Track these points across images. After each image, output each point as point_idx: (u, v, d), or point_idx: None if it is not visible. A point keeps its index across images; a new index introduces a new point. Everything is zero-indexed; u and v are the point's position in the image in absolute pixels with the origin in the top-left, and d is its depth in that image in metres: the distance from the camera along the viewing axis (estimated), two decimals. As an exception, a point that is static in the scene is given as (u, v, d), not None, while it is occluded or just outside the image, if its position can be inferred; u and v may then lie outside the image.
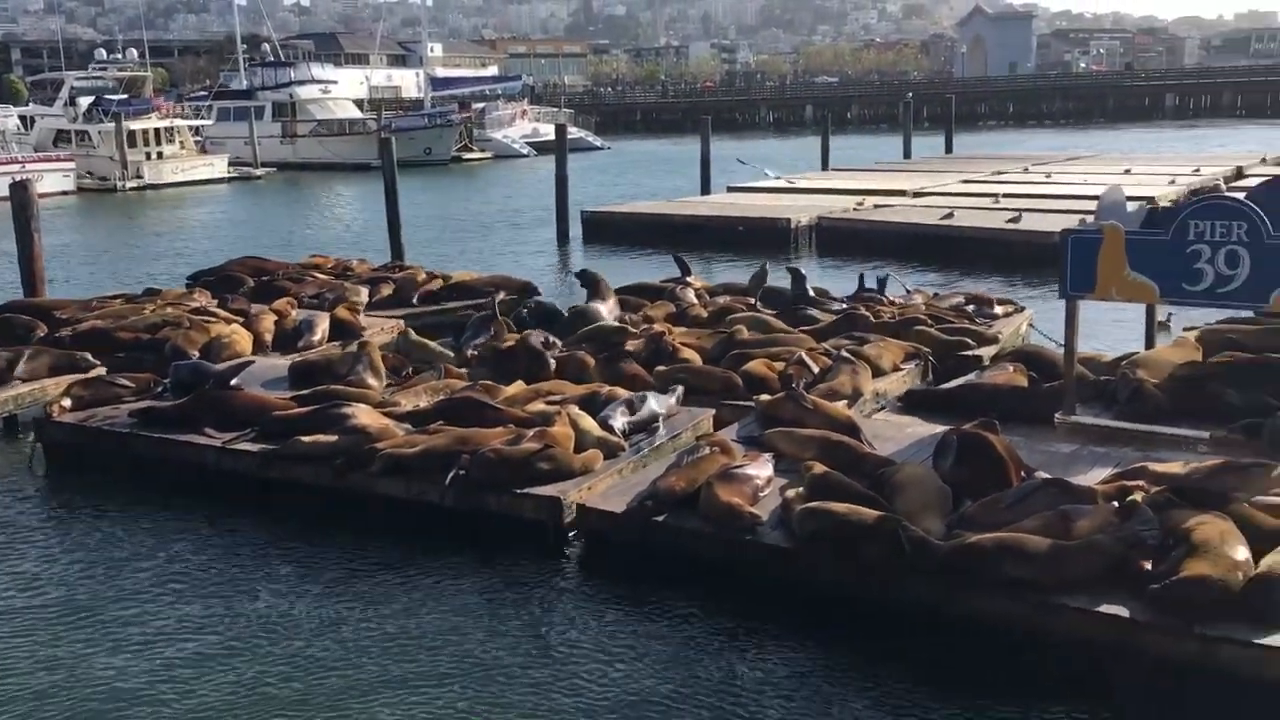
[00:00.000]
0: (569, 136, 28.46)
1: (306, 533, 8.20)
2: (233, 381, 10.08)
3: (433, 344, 11.69)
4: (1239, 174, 27.35)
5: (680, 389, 9.60)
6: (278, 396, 9.86)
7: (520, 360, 10.66)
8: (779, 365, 10.14)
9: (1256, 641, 5.43)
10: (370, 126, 57.86)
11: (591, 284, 13.39)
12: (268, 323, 12.72)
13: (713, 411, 9.48)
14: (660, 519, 7.32)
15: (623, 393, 9.28)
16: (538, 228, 27.88)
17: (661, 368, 10.32)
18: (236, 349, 11.73)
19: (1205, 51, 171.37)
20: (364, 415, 8.87)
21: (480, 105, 65.59)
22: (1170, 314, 12.36)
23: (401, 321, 13.70)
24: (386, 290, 15.12)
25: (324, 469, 8.41)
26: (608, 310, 12.57)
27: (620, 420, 8.74)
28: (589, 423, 8.59)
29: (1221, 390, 8.71)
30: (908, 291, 13.90)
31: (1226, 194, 8.76)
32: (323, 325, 12.83)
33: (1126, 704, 5.61)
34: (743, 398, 9.68)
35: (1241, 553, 5.83)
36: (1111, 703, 5.64)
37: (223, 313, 13.31)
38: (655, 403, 9.09)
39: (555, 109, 75.85)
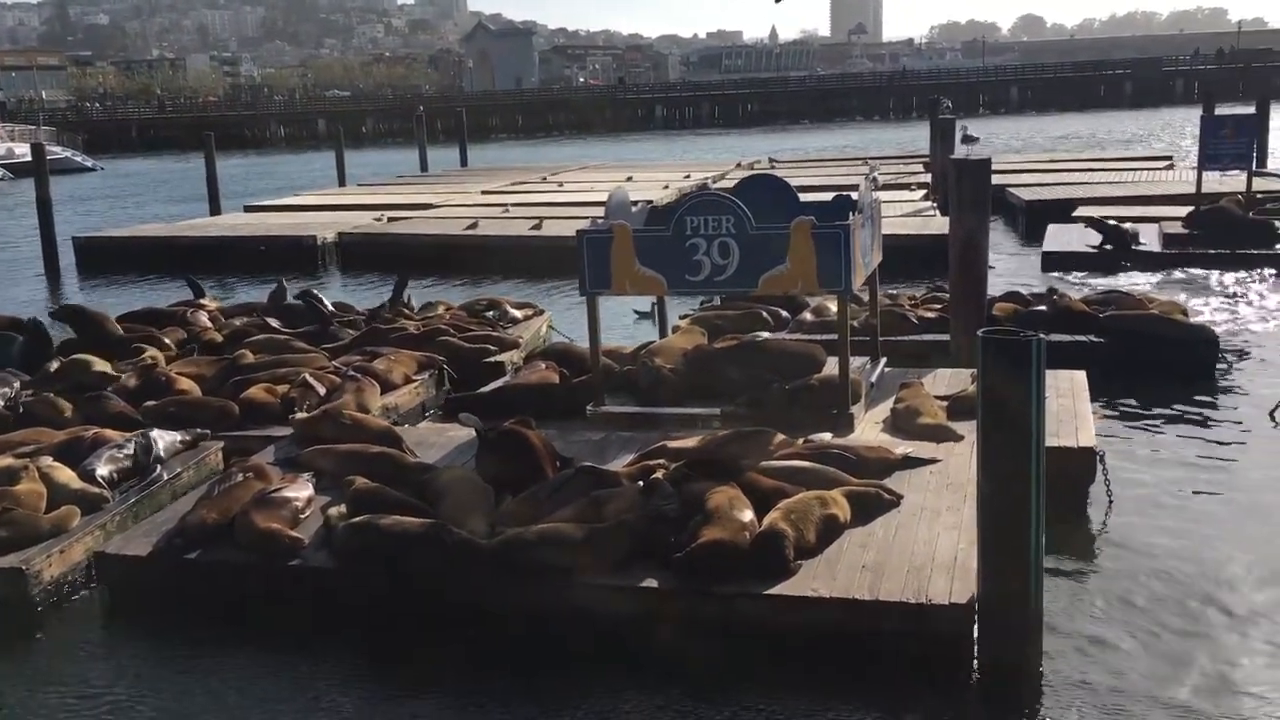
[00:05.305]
0: (54, 156, 25.75)
1: None
2: None
3: None
4: (722, 177, 30.32)
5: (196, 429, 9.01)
6: None
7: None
8: (284, 388, 9.86)
9: (764, 593, 5.98)
10: None
11: (77, 318, 12.23)
12: None
13: (220, 444, 8.98)
14: (193, 556, 6.83)
15: (114, 435, 8.51)
16: (21, 259, 24.94)
17: (151, 402, 9.63)
18: None
19: (685, 67, 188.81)
20: None
21: (-64, 123, 57.58)
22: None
23: None
24: None
25: None
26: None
27: (105, 468, 7.96)
28: (66, 474, 7.73)
29: (725, 369, 9.59)
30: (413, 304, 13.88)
31: (715, 191, 9.62)
32: None
33: (662, 670, 5.94)
34: (242, 426, 9.36)
35: (747, 515, 6.42)
36: (649, 671, 5.95)
37: None
38: (153, 442, 8.42)
39: (33, 126, 68.39)
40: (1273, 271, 15.84)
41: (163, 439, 8.55)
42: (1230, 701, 5.53)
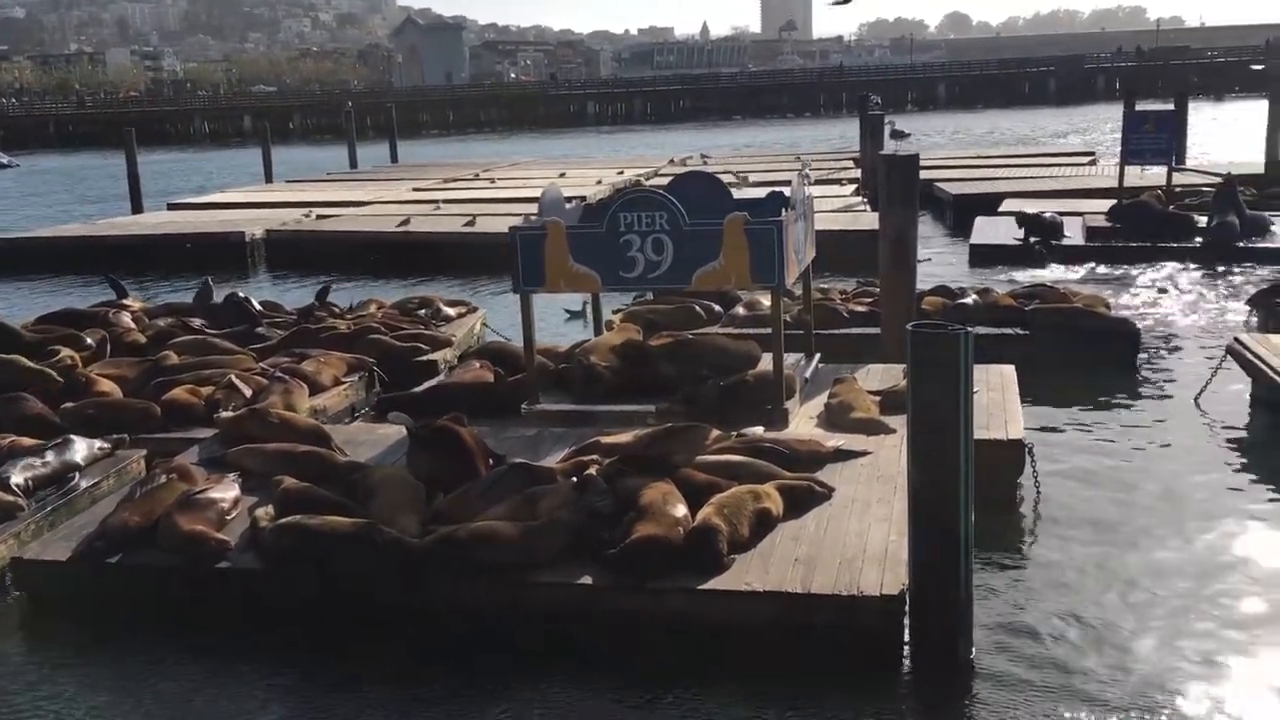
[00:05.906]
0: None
1: None
2: None
3: None
4: (655, 174, 30.34)
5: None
6: None
7: None
8: (208, 389, 9.69)
9: (698, 588, 5.99)
10: None
11: None
12: None
13: (142, 452, 8.74)
14: (114, 560, 6.66)
15: (30, 443, 8.29)
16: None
17: (69, 404, 9.39)
18: None
19: (617, 63, 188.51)
20: None
21: None
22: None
23: None
24: None
25: None
26: None
27: (20, 476, 7.75)
28: None
29: (660, 366, 9.57)
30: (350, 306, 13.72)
31: (648, 188, 9.59)
32: None
33: (595, 666, 5.94)
34: (165, 428, 9.16)
35: (680, 510, 6.43)
36: (583, 667, 5.94)
37: None
38: (71, 450, 8.21)
39: (-53, 122, 66.56)
40: (1192, 264, 16.24)
41: (82, 447, 8.32)
42: (1157, 687, 5.63)
